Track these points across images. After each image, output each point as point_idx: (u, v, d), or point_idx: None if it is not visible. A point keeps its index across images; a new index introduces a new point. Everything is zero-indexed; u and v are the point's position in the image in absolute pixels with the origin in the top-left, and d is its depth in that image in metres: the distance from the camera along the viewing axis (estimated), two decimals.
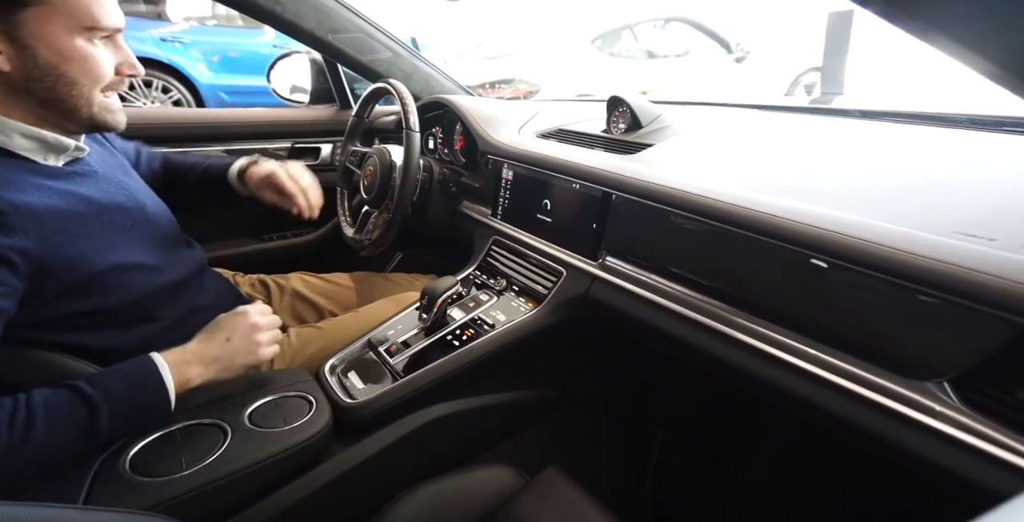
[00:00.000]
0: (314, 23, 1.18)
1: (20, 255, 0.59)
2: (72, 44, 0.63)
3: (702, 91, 4.36)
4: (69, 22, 0.62)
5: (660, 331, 0.72)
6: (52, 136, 0.67)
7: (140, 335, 0.74)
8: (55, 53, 0.62)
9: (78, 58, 0.64)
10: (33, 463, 0.56)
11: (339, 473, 0.73)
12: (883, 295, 0.49)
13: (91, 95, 0.67)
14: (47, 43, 0.61)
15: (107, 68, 0.67)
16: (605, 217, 0.81)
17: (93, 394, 0.59)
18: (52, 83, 0.64)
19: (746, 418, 0.96)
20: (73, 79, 0.64)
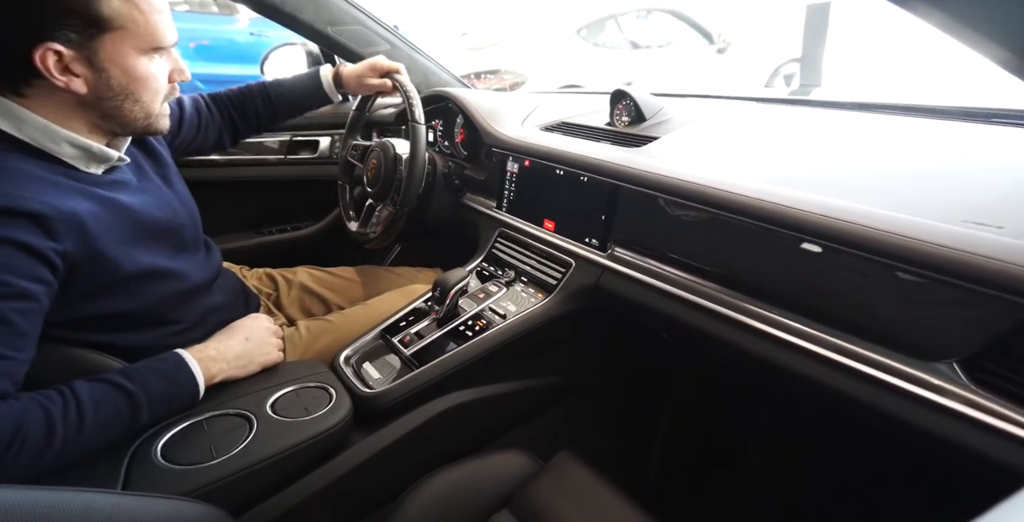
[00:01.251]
0: (313, 16, 1.17)
1: (60, 257, 0.59)
2: (140, 65, 0.65)
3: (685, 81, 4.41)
4: (140, 44, 0.64)
5: (671, 318, 0.75)
6: (98, 147, 0.67)
7: (157, 336, 0.75)
8: (125, 74, 0.64)
9: (145, 78, 0.66)
10: (83, 454, 0.58)
11: (360, 460, 0.75)
12: (894, 281, 0.52)
13: (152, 109, 0.69)
14: (120, 65, 0.63)
15: (163, 83, 0.70)
16: (614, 209, 0.83)
17: (133, 389, 0.62)
18: (121, 101, 0.66)
19: (749, 402, 1.00)
20: (139, 97, 0.67)
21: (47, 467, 0.55)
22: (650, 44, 4.53)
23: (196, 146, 1.01)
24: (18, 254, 0.56)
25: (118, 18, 0.61)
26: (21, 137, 0.62)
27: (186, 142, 0.98)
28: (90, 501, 0.44)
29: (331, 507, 0.73)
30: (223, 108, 1.05)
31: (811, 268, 0.60)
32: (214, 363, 0.72)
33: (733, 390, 1.01)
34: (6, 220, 0.56)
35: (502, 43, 4.36)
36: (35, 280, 0.58)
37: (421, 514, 0.68)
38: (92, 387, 0.60)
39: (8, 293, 0.55)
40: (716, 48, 4.64)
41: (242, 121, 1.07)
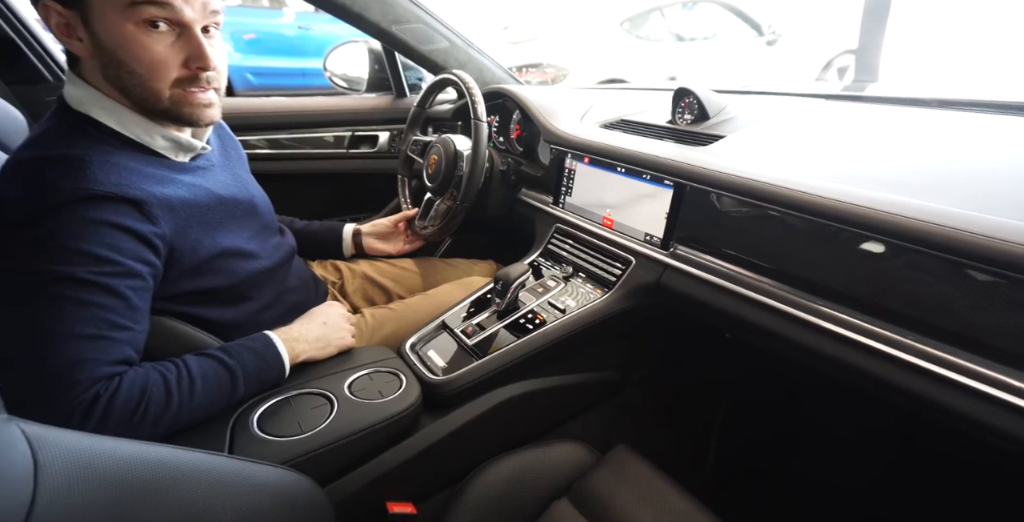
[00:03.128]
0: (379, 15, 1.21)
1: (160, 239, 0.65)
2: (126, 30, 0.61)
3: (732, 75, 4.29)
4: (118, 4, 0.60)
5: (734, 317, 0.76)
6: (185, 138, 0.72)
7: (242, 312, 0.81)
8: (112, 38, 0.62)
9: (130, 45, 0.62)
10: (191, 421, 0.64)
11: (428, 443, 0.78)
12: (972, 282, 0.52)
13: (156, 87, 0.66)
14: (106, 28, 0.61)
15: (164, 58, 0.64)
16: (678, 208, 0.84)
17: (232, 363, 0.68)
18: (118, 71, 0.64)
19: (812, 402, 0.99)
20: (131, 68, 0.63)
21: (164, 429, 0.61)
22: (695, 36, 4.41)
23: None
24: (125, 237, 0.62)
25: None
26: (125, 133, 0.68)
27: None
28: (205, 460, 0.49)
29: (404, 484, 0.77)
30: None
31: (882, 266, 0.60)
32: (297, 344, 0.77)
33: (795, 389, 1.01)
34: (114, 207, 0.61)
35: (543, 36, 4.34)
36: (141, 261, 0.63)
37: (486, 496, 0.72)
38: (200, 360, 0.67)
39: (120, 272, 0.61)
40: (765, 40, 4.49)
41: None
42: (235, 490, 0.51)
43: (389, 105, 1.49)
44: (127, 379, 0.59)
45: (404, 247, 1.18)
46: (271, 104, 1.50)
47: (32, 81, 1.39)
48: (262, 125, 1.41)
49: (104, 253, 0.59)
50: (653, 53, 4.22)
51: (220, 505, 0.49)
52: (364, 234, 1.16)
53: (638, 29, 4.23)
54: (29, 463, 0.37)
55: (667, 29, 4.34)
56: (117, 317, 0.60)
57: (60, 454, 0.39)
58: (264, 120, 1.42)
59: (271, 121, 1.42)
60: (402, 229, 1.19)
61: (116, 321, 0.60)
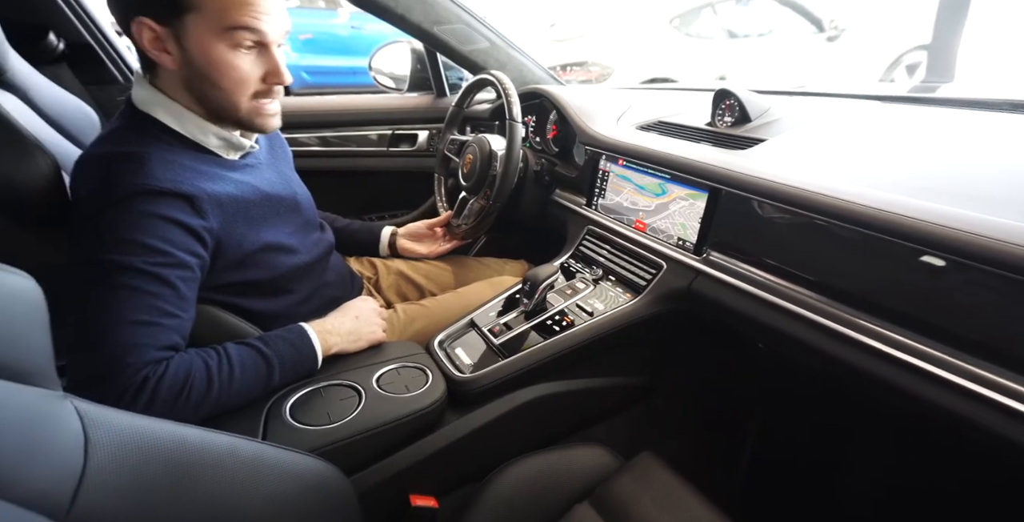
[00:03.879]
0: (421, 16, 1.23)
1: (208, 233, 0.70)
2: (217, 49, 0.67)
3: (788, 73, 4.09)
4: (214, 26, 0.65)
5: (768, 327, 0.73)
6: (236, 137, 0.76)
7: (281, 304, 0.85)
8: (204, 56, 0.67)
9: (221, 63, 0.68)
10: (229, 406, 0.68)
11: (452, 440, 0.80)
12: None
13: (236, 100, 0.71)
14: (199, 46, 0.66)
15: (248, 75, 0.70)
16: (712, 213, 0.82)
17: (269, 353, 0.72)
18: (201, 84, 0.69)
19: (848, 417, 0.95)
20: (217, 83, 0.69)
21: (205, 413, 0.65)
22: (749, 33, 4.24)
23: None
24: (178, 230, 0.66)
25: (197, 0, 0.64)
26: (182, 131, 0.73)
27: None
28: (241, 445, 0.52)
29: (427, 478, 0.79)
30: None
31: (935, 283, 0.56)
32: (330, 336, 0.80)
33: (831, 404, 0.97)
34: (169, 201, 0.66)
35: (590, 34, 4.30)
36: (191, 253, 0.68)
37: (508, 495, 0.73)
38: (239, 349, 0.71)
39: (171, 262, 0.65)
40: (826, 36, 4.26)
41: None
42: (267, 474, 0.54)
43: (429, 104, 1.52)
44: (173, 364, 0.63)
45: (437, 249, 1.20)
46: (319, 103, 1.55)
47: (105, 82, 1.49)
48: (311, 123, 1.47)
49: (158, 245, 0.64)
50: (703, 51, 4.08)
51: (253, 487, 0.52)
52: (399, 235, 1.19)
53: (688, 26, 4.10)
54: (81, 439, 0.41)
55: (719, 26, 4.20)
56: (167, 305, 0.64)
57: (109, 432, 0.43)
58: (313, 118, 1.48)
59: (319, 119, 1.48)
60: (439, 234, 1.22)
61: (166, 309, 0.64)
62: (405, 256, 1.23)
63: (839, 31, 4.24)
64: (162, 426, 0.47)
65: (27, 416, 0.37)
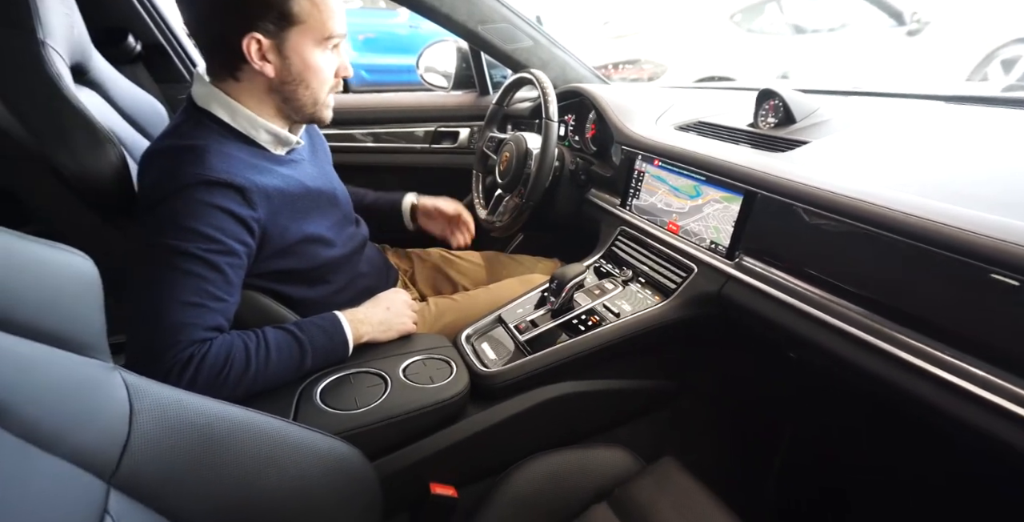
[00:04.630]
0: (466, 15, 1.25)
1: (256, 223, 0.75)
2: (314, 55, 0.76)
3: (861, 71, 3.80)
4: (316, 36, 0.74)
5: (802, 338, 0.71)
6: (284, 132, 0.82)
7: (318, 292, 0.90)
8: (302, 62, 0.76)
9: (316, 67, 0.77)
10: (264, 386, 0.73)
11: (473, 432, 0.82)
12: None
13: (318, 96, 0.80)
14: (299, 54, 0.75)
15: (331, 73, 0.80)
16: (747, 217, 0.79)
17: (303, 338, 0.76)
18: (296, 87, 0.77)
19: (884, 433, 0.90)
20: (309, 83, 0.78)
21: (242, 392, 0.70)
22: (818, 28, 3.96)
23: None
24: (229, 219, 0.71)
25: (303, 14, 0.72)
26: (234, 126, 0.78)
27: None
28: (274, 424, 0.55)
29: (447, 468, 0.81)
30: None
31: (1003, 304, 0.52)
32: (361, 325, 0.84)
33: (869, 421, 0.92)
34: (223, 191, 0.71)
35: (645, 31, 4.20)
36: (240, 241, 0.73)
37: (526, 490, 0.74)
38: (276, 333, 0.75)
39: (222, 249, 0.70)
40: (906, 30, 3.91)
41: None
42: (295, 452, 0.57)
43: (472, 102, 1.54)
44: (216, 344, 0.68)
45: (453, 241, 1.17)
46: (370, 100, 1.61)
47: (176, 80, 1.61)
48: (362, 120, 1.53)
49: (211, 232, 0.69)
50: (766, 48, 3.86)
51: (281, 463, 0.56)
52: (418, 210, 1.17)
53: (751, 22, 3.89)
54: (126, 408, 0.45)
55: (783, 21, 3.98)
56: (216, 289, 0.69)
57: (152, 403, 0.47)
58: (364, 115, 1.54)
59: (370, 116, 1.54)
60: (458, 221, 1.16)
61: (214, 293, 0.69)
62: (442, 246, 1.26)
63: (922, 24, 3.86)
64: (200, 401, 0.51)
65: (79, 382, 0.42)
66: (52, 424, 0.38)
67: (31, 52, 0.71)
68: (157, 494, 0.46)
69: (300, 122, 0.84)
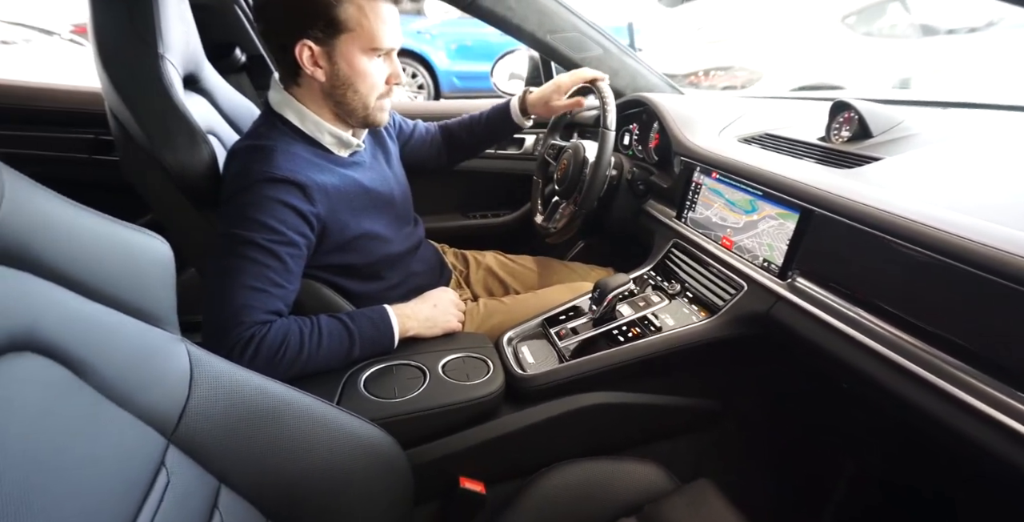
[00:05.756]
0: (536, 25, 1.28)
1: (315, 218, 0.82)
2: (361, 62, 0.81)
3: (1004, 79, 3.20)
4: (363, 45, 0.80)
5: (852, 368, 0.66)
6: (346, 135, 0.89)
7: (372, 287, 0.97)
8: (350, 67, 0.81)
9: (363, 72, 0.82)
10: (314, 370, 0.79)
11: (504, 432, 0.84)
12: None
13: (368, 101, 0.85)
14: (347, 60, 0.81)
15: (381, 80, 0.85)
16: (802, 235, 0.75)
17: (353, 328, 0.82)
18: (344, 91, 0.84)
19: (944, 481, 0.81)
20: (357, 88, 0.83)
21: (295, 373, 0.77)
22: (955, 28, 3.31)
23: (418, 157, 1.19)
24: (291, 213, 0.79)
25: (351, 22, 0.78)
26: (302, 128, 0.86)
27: (413, 150, 1.18)
28: (318, 405, 0.61)
29: (477, 465, 0.84)
30: (444, 136, 1.24)
31: None
32: (408, 320, 0.89)
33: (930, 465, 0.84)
34: (287, 188, 0.79)
35: (744, 35, 4.00)
36: (300, 234, 0.80)
37: (555, 495, 0.74)
38: (329, 321, 0.82)
39: (283, 241, 0.78)
40: None
41: (454, 148, 1.25)
42: (334, 432, 0.63)
43: None
44: (275, 326, 0.76)
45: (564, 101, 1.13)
46: (432, 107, 1.68)
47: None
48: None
49: (274, 224, 0.77)
50: (885, 52, 3.40)
51: (320, 440, 0.61)
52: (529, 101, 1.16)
53: (868, 24, 3.47)
54: (187, 375, 0.52)
55: (909, 22, 3.54)
56: (276, 276, 0.77)
57: (210, 373, 0.54)
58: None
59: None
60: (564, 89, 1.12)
61: (275, 279, 0.77)
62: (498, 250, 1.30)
63: None
64: (251, 376, 0.57)
65: (150, 349, 0.49)
66: (125, 382, 0.45)
67: (150, 64, 0.83)
68: (208, 455, 0.52)
69: (356, 126, 0.90)
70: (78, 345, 0.41)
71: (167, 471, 0.48)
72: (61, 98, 1.37)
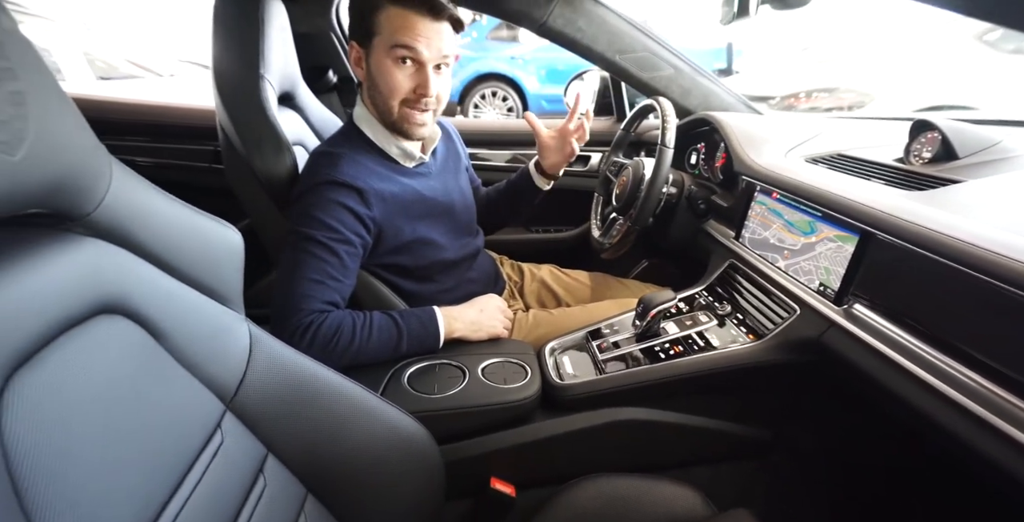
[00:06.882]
0: (605, 45, 1.31)
1: (371, 221, 0.89)
2: (384, 63, 0.86)
3: None
4: (385, 45, 0.85)
5: (906, 403, 0.61)
6: (410, 148, 0.96)
7: (427, 289, 1.02)
8: (375, 66, 0.88)
9: (383, 72, 0.87)
10: (363, 361, 0.85)
11: (538, 438, 0.85)
12: None
13: (390, 104, 0.89)
14: (375, 60, 0.87)
15: (401, 84, 0.87)
16: (860, 259, 0.71)
17: (402, 324, 0.88)
18: (374, 91, 0.90)
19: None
20: (380, 88, 0.88)
21: (346, 362, 0.83)
22: None
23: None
24: (348, 215, 0.86)
25: (379, 26, 0.84)
26: (374, 140, 0.95)
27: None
28: (361, 393, 0.66)
29: (508, 467, 0.86)
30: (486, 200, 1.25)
31: None
32: (454, 322, 0.93)
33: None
34: (346, 192, 0.86)
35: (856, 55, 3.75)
36: (356, 234, 0.87)
37: (585, 506, 0.73)
38: (381, 316, 0.88)
39: (341, 239, 0.85)
40: None
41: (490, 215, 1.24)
42: (373, 419, 0.68)
43: (607, 129, 1.59)
44: (331, 316, 0.83)
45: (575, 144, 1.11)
46: (499, 125, 1.74)
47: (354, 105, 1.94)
48: (495, 142, 1.67)
49: (333, 224, 0.85)
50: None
51: (360, 425, 0.67)
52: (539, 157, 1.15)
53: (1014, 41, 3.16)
54: (247, 351, 0.59)
55: None
56: (333, 270, 0.85)
57: (266, 352, 0.61)
58: (495, 138, 1.68)
59: (511, 138, 1.67)
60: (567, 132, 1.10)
61: (332, 273, 0.85)
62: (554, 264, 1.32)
63: None
64: (305, 359, 0.64)
65: (218, 325, 0.56)
66: (194, 351, 0.53)
67: (252, 82, 0.96)
68: (259, 424, 0.59)
69: (405, 137, 0.95)
70: (159, 314, 0.49)
71: (222, 433, 0.55)
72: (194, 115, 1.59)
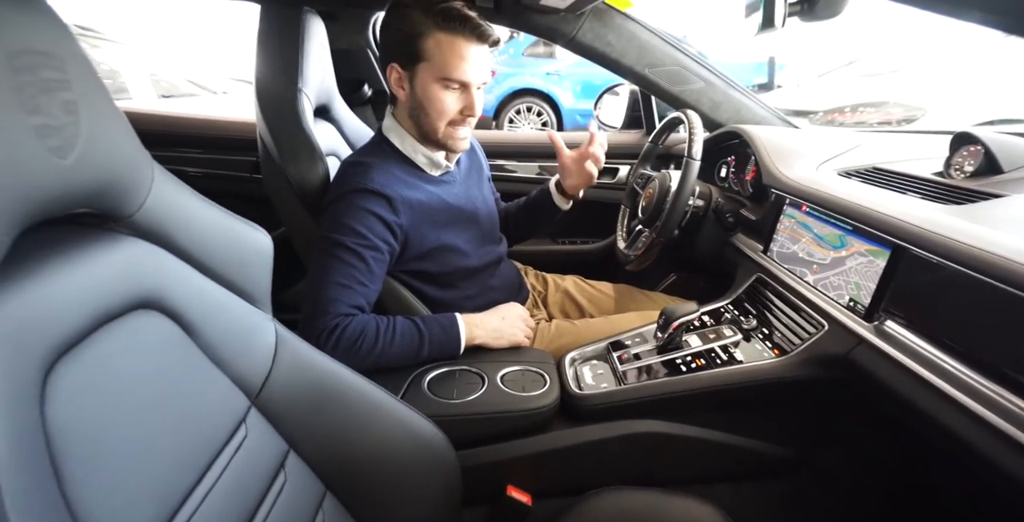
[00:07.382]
0: (634, 59, 1.32)
1: (399, 228, 0.92)
2: (432, 88, 0.89)
3: None
4: (435, 74, 0.87)
5: (937, 424, 0.59)
6: (436, 157, 0.99)
7: (448, 296, 1.04)
8: (423, 92, 0.90)
9: (432, 98, 0.89)
10: (385, 365, 0.87)
11: (555, 447, 0.85)
12: None
13: (437, 125, 0.92)
14: (421, 85, 0.89)
15: (450, 108, 0.90)
16: (892, 274, 0.69)
17: (424, 330, 0.89)
18: (419, 113, 0.92)
19: None
20: (427, 112, 0.91)
21: (369, 364, 0.85)
22: None
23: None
24: (377, 222, 0.89)
25: (428, 53, 0.86)
26: (401, 149, 0.98)
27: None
28: (382, 395, 0.68)
29: (524, 475, 0.85)
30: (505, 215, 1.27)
31: None
32: (475, 328, 0.94)
33: None
34: (375, 199, 0.89)
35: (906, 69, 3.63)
36: (383, 241, 0.90)
37: (600, 519, 0.71)
38: (403, 321, 0.89)
39: (368, 245, 0.88)
40: None
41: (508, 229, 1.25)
42: (392, 421, 0.69)
43: (636, 141, 1.58)
44: (356, 320, 0.85)
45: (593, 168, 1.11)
46: (525, 137, 1.75)
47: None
48: (524, 154, 1.68)
49: (361, 230, 0.87)
50: None
51: (380, 426, 0.68)
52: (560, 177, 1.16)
53: None
54: (272, 350, 0.62)
55: None
56: (360, 275, 0.87)
57: (291, 351, 0.63)
58: (522, 150, 1.69)
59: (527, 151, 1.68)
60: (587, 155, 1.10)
61: (359, 278, 0.87)
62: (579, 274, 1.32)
63: None
64: (328, 361, 0.66)
65: (246, 323, 0.59)
66: (224, 348, 0.55)
67: (289, 95, 1.01)
68: (282, 421, 0.61)
69: (438, 148, 0.98)
70: (192, 311, 0.52)
71: (246, 428, 0.57)
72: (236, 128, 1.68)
